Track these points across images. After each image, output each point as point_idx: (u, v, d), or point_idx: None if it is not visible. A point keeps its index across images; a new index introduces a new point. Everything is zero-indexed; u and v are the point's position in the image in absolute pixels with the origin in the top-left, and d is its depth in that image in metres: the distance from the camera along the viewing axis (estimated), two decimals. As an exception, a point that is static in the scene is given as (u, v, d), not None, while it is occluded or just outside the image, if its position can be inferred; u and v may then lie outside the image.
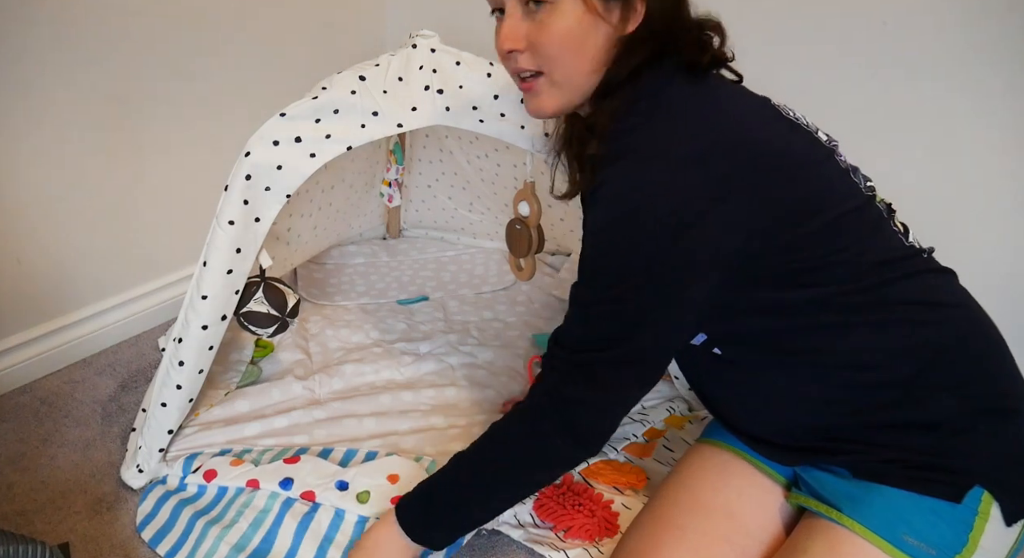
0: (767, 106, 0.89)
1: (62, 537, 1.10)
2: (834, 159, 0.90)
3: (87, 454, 1.27)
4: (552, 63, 0.83)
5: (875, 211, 0.89)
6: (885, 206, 0.91)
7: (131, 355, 1.54)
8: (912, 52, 1.37)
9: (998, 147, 1.35)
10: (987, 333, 0.88)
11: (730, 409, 0.99)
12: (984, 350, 0.87)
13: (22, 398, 1.40)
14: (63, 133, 1.38)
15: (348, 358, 1.51)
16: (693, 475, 0.99)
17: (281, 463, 1.19)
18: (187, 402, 1.20)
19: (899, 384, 0.83)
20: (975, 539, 0.78)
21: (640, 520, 0.98)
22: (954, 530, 0.78)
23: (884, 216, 0.90)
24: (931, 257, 0.91)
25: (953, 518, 0.79)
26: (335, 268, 1.87)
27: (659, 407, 1.39)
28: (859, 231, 0.85)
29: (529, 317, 1.69)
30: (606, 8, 0.80)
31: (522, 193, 1.36)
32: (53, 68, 1.32)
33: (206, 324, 1.15)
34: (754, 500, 0.94)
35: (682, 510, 0.95)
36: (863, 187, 0.90)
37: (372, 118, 1.16)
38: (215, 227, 1.13)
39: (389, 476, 1.16)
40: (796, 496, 0.91)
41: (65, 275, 1.47)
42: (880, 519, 0.80)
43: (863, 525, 0.81)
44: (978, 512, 0.79)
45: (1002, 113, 1.33)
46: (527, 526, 1.13)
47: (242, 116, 1.24)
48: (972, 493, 0.79)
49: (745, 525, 0.92)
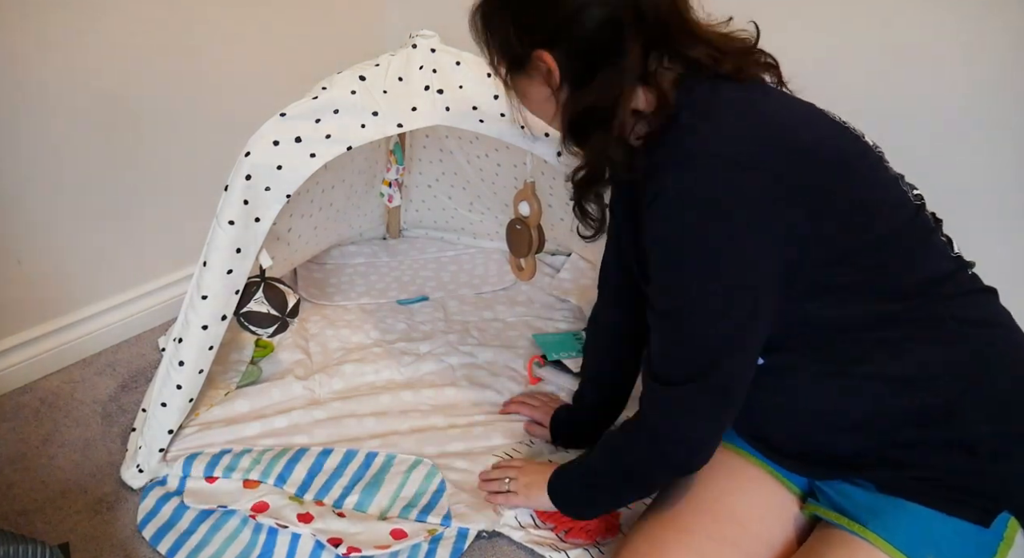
0: (815, 111, 0.87)
1: (62, 537, 1.10)
2: (884, 166, 0.87)
3: (87, 454, 1.27)
4: None
5: (925, 221, 0.86)
6: (931, 216, 0.88)
7: (131, 355, 1.54)
8: (913, 50, 1.36)
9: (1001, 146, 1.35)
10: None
11: (763, 419, 0.93)
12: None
13: (22, 398, 1.40)
14: (63, 133, 1.38)
15: (348, 358, 1.51)
16: (702, 477, 0.96)
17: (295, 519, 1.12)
18: (187, 402, 1.20)
19: (941, 404, 0.81)
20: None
21: (644, 520, 0.97)
22: (977, 553, 0.78)
23: (932, 227, 0.87)
24: (975, 273, 0.88)
25: (978, 541, 0.78)
26: (335, 268, 1.87)
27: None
28: (910, 243, 0.83)
29: (529, 317, 1.69)
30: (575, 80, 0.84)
31: (522, 193, 1.36)
32: (53, 68, 1.32)
33: (206, 324, 1.15)
34: (765, 507, 0.92)
35: (688, 512, 0.93)
36: (911, 196, 0.86)
37: (372, 118, 1.16)
38: (215, 227, 1.13)
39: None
40: (814, 507, 0.89)
41: (65, 275, 1.47)
42: (905, 536, 0.79)
43: (886, 540, 0.79)
44: (1003, 538, 0.78)
45: (1004, 113, 1.33)
46: (528, 527, 1.13)
47: (242, 116, 1.24)
48: (1000, 518, 0.78)
49: (754, 531, 0.90)
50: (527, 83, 0.88)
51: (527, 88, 0.88)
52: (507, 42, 0.85)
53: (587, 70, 0.81)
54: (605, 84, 0.81)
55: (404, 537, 1.09)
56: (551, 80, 0.84)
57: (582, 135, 0.87)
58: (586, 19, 0.79)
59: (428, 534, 1.10)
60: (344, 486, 1.19)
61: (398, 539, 1.09)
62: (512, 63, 0.87)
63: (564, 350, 1.51)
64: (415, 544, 1.09)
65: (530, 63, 0.84)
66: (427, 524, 1.13)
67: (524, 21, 0.83)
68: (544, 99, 0.87)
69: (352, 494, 1.18)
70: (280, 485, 1.18)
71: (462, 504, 1.16)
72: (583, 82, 0.82)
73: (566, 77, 0.83)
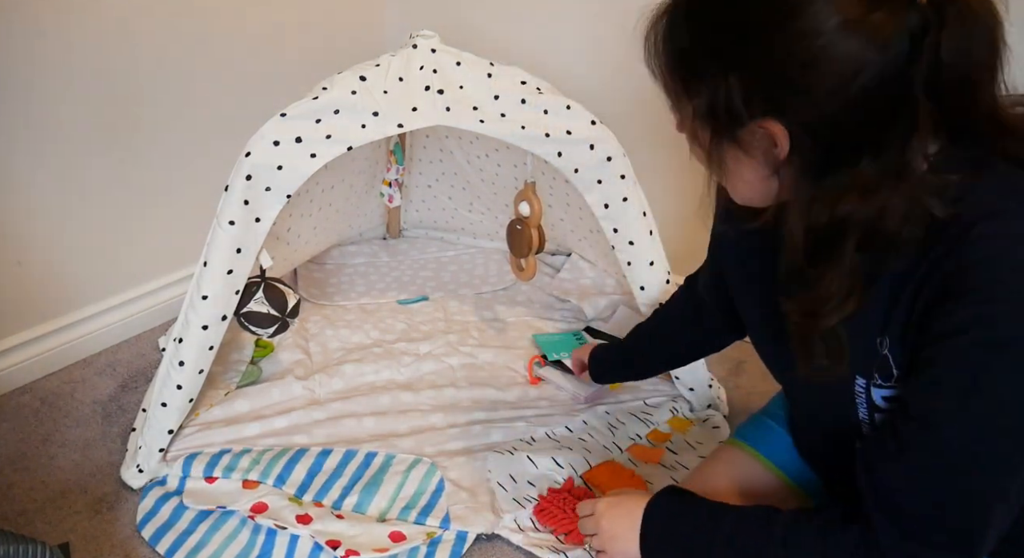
0: None
1: (62, 537, 1.10)
2: None
3: (87, 454, 1.27)
4: None
5: None
6: None
7: (131, 355, 1.54)
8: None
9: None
10: None
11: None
12: None
13: (22, 398, 1.40)
14: (63, 134, 1.38)
15: (348, 358, 1.51)
16: (715, 474, 0.96)
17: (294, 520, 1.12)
18: (187, 402, 1.20)
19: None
20: None
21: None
22: None
23: None
24: None
25: None
26: (335, 268, 1.87)
27: (662, 406, 1.39)
28: None
29: (529, 317, 1.69)
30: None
31: (522, 193, 1.36)
32: (53, 69, 1.32)
33: (206, 324, 1.15)
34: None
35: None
36: None
37: (372, 118, 1.16)
38: (215, 227, 1.13)
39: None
40: None
41: (65, 275, 1.47)
42: None
43: None
44: None
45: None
46: (527, 530, 1.13)
47: (242, 116, 1.23)
48: None
49: None
50: (736, 156, 0.67)
51: (735, 162, 0.68)
52: (721, 99, 0.63)
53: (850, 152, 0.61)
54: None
55: (403, 540, 1.09)
56: (776, 158, 0.64)
57: (828, 251, 0.64)
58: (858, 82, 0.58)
59: (427, 537, 1.10)
60: (343, 486, 1.19)
61: (397, 542, 1.09)
62: (721, 128, 0.66)
63: (564, 350, 1.51)
64: (413, 547, 1.09)
65: (745, 131, 0.64)
66: (426, 526, 1.13)
67: (759, 73, 0.61)
68: (760, 179, 0.67)
69: (351, 494, 1.17)
70: (279, 485, 1.18)
71: (461, 505, 1.16)
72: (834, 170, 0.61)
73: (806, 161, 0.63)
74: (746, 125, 0.63)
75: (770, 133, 0.62)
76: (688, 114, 0.68)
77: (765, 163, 0.65)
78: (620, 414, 1.38)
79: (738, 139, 0.65)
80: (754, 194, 0.70)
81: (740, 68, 0.62)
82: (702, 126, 0.67)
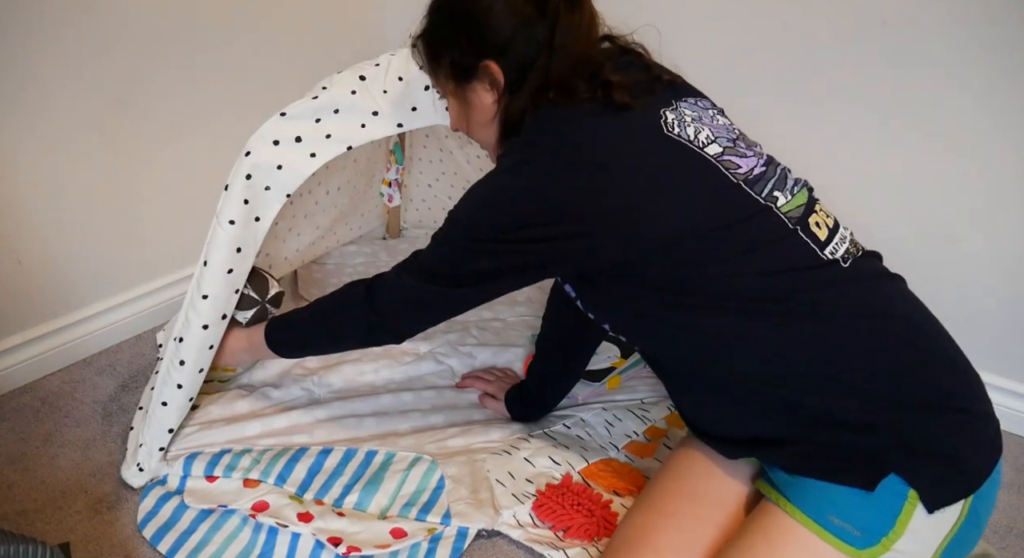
0: (643, 128, 0.92)
1: (62, 537, 1.10)
2: (714, 175, 0.90)
3: (87, 454, 1.27)
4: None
5: (768, 224, 0.89)
6: (799, 216, 0.91)
7: (131, 355, 1.54)
8: (911, 50, 1.37)
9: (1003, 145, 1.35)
10: (915, 336, 0.90)
11: (680, 406, 1.06)
12: (915, 355, 0.88)
13: (22, 398, 1.40)
14: (63, 133, 1.38)
15: (348, 358, 1.51)
16: (682, 465, 1.04)
17: (295, 518, 1.12)
18: (187, 401, 1.20)
19: (808, 389, 0.88)
20: (903, 523, 0.82)
21: (632, 510, 1.03)
22: (881, 514, 0.83)
23: (790, 228, 0.89)
24: (857, 264, 0.91)
25: (882, 503, 0.83)
26: (335, 268, 1.87)
27: (659, 404, 1.40)
28: (731, 249, 0.88)
29: (529, 317, 1.69)
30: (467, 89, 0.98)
31: (522, 193, 1.36)
32: (53, 68, 1.32)
33: (207, 323, 1.15)
34: (738, 487, 0.99)
35: (673, 497, 1.00)
36: (760, 198, 0.90)
37: (372, 118, 1.16)
38: (215, 226, 1.13)
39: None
40: (759, 483, 0.96)
41: (65, 275, 1.47)
42: (810, 501, 0.86)
43: (795, 506, 0.87)
44: (907, 498, 0.83)
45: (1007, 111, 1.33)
46: (526, 526, 1.13)
47: (242, 116, 1.24)
48: (897, 481, 0.83)
49: (733, 512, 0.97)
50: (473, 90, 0.98)
51: (472, 95, 0.98)
52: (458, 55, 0.96)
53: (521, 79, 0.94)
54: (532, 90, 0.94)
55: (404, 536, 1.10)
56: (497, 86, 0.95)
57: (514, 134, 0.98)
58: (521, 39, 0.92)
59: (428, 533, 1.11)
60: (344, 485, 1.19)
61: (398, 538, 1.09)
62: (461, 74, 0.97)
63: (564, 350, 1.51)
64: (415, 543, 1.09)
65: (478, 72, 0.95)
66: (427, 523, 1.13)
67: (475, 36, 0.94)
68: (489, 104, 0.98)
69: (352, 493, 1.18)
70: (280, 484, 1.18)
71: (462, 502, 1.16)
72: (517, 89, 0.94)
73: (506, 84, 0.95)
74: (476, 66, 0.95)
75: (491, 69, 0.94)
76: (440, 79, 1.01)
77: (492, 90, 0.97)
78: (617, 411, 1.39)
79: (473, 78, 0.97)
80: (486, 115, 1.00)
81: (467, 32, 0.94)
82: (448, 78, 0.99)
